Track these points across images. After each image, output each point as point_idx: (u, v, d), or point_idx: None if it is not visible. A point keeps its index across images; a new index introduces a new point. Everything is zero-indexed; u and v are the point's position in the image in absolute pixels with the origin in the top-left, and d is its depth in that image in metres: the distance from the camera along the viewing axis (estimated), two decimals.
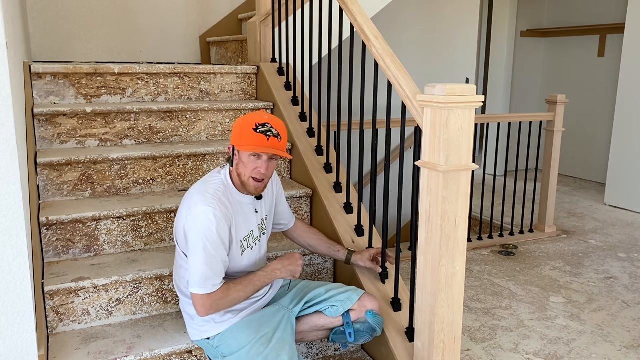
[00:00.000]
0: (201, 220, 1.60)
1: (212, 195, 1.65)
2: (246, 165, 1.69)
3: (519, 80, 6.16)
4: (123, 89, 2.56)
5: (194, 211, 1.62)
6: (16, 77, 1.77)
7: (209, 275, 1.60)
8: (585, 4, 5.68)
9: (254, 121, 1.67)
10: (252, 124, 1.66)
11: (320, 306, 1.85)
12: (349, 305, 1.83)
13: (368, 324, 1.84)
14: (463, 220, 1.64)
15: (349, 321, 1.83)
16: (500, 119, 3.69)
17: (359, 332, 1.84)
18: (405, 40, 4.61)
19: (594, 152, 5.70)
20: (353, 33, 2.18)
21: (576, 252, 3.53)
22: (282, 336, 1.70)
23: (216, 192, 1.67)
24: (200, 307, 1.62)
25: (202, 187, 1.69)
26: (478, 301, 2.75)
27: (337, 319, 1.84)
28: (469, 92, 1.55)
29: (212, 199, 1.63)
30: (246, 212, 1.77)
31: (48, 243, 2.01)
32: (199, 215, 1.61)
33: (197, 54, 3.92)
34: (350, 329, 1.82)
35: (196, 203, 1.63)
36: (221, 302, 1.64)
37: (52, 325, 1.85)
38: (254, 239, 1.80)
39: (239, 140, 1.67)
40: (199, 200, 1.63)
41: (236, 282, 1.69)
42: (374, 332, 1.86)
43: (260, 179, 1.70)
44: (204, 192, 1.66)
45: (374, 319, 1.84)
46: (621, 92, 4.58)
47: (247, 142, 1.65)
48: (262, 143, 1.64)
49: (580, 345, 2.34)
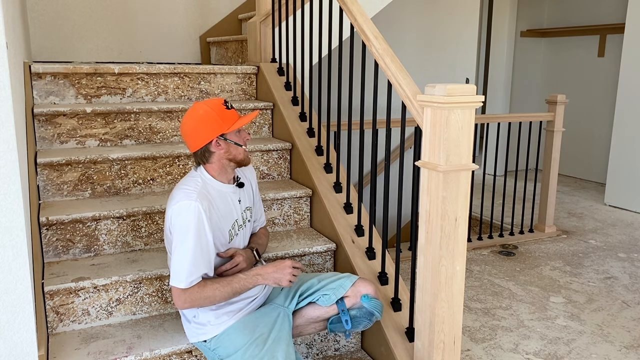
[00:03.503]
0: (183, 214, 1.61)
1: (193, 189, 1.66)
2: (237, 143, 1.74)
3: (519, 80, 6.16)
4: (123, 89, 2.56)
5: (175, 207, 1.63)
6: (16, 77, 1.77)
7: (186, 269, 1.60)
8: (585, 4, 5.68)
9: (215, 104, 1.71)
10: (219, 106, 1.70)
11: (313, 297, 1.82)
12: (342, 292, 1.79)
13: (365, 309, 1.80)
14: (463, 220, 1.64)
15: (343, 308, 1.79)
16: (500, 119, 3.69)
17: (356, 319, 1.80)
18: (405, 40, 4.61)
19: (594, 152, 5.70)
20: (353, 33, 2.18)
21: (576, 252, 3.53)
22: (277, 335, 1.68)
23: (195, 186, 1.68)
24: (176, 299, 1.62)
25: (181, 186, 1.70)
26: (478, 301, 2.75)
27: (332, 307, 1.81)
28: (469, 92, 1.55)
29: (192, 193, 1.65)
30: (229, 201, 1.77)
31: (48, 243, 2.01)
32: (180, 209, 1.62)
33: (197, 54, 3.93)
34: (346, 316, 1.79)
35: (178, 200, 1.64)
36: (195, 297, 1.61)
37: (52, 325, 1.85)
38: (238, 226, 1.81)
39: (223, 126, 1.68)
40: (181, 196, 1.64)
41: (214, 280, 1.67)
42: (373, 317, 1.81)
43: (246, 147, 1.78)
44: (184, 189, 1.67)
45: (369, 302, 1.80)
46: (621, 92, 4.58)
47: (231, 121, 1.70)
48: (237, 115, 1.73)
49: (580, 345, 2.34)
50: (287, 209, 2.43)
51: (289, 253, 2.20)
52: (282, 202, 2.40)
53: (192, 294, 1.62)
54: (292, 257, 2.22)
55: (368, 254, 2.18)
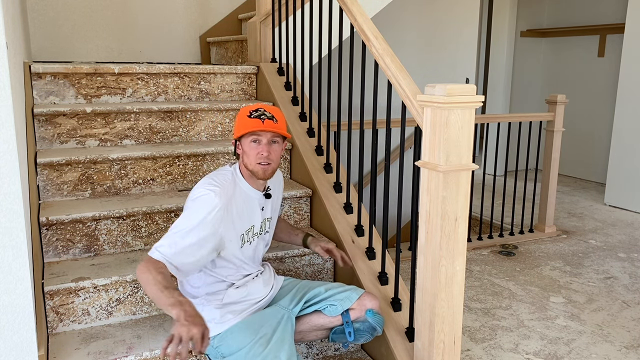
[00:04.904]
0: (199, 200, 1.64)
1: (218, 184, 1.68)
2: (249, 153, 1.73)
3: (519, 80, 6.16)
4: (123, 89, 2.56)
5: (196, 191, 1.66)
6: (16, 77, 1.77)
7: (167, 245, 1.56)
8: (585, 4, 5.68)
9: (248, 110, 1.74)
10: (247, 112, 1.74)
11: (319, 305, 1.84)
12: (348, 304, 1.82)
13: (368, 323, 1.83)
14: (463, 220, 1.64)
15: (348, 320, 1.82)
16: (500, 119, 3.69)
17: (358, 332, 1.83)
18: (405, 40, 4.61)
19: (594, 152, 5.70)
20: (353, 33, 2.18)
21: (576, 252, 3.53)
22: (281, 336, 1.69)
23: (223, 182, 1.70)
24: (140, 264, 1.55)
25: (211, 175, 1.74)
26: (478, 301, 2.75)
27: (337, 318, 1.83)
28: (469, 92, 1.55)
29: (216, 186, 1.67)
30: (252, 206, 1.78)
31: (48, 243, 2.01)
32: (199, 194, 1.65)
33: (197, 54, 3.93)
34: (349, 328, 1.82)
35: (201, 185, 1.67)
36: (143, 270, 1.52)
37: (52, 325, 1.85)
38: (253, 233, 1.81)
39: (238, 130, 1.73)
40: (205, 182, 1.68)
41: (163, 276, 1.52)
42: (374, 332, 1.85)
43: (265, 162, 1.73)
44: (211, 179, 1.70)
45: (373, 318, 1.83)
46: (621, 92, 4.58)
47: (244, 128, 1.71)
48: (257, 125, 1.69)
49: (580, 345, 2.34)
50: (287, 209, 2.43)
51: (289, 253, 2.21)
52: (282, 202, 2.40)
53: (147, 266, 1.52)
54: (292, 257, 2.23)
55: (368, 254, 2.18)
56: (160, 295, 1.48)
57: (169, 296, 1.47)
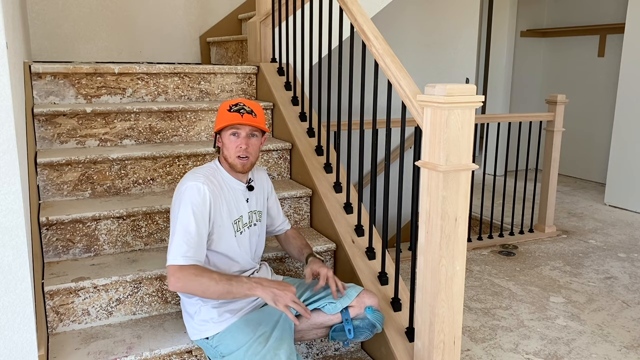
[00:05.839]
0: (186, 193, 1.67)
1: (202, 174, 1.73)
2: (228, 146, 1.77)
3: (519, 80, 6.16)
4: (123, 89, 2.56)
5: (181, 187, 1.70)
6: (16, 77, 1.77)
7: (183, 247, 1.62)
8: (585, 4, 5.68)
9: (228, 104, 1.78)
10: (227, 106, 1.78)
11: (318, 303, 1.84)
12: (348, 302, 1.82)
13: (368, 320, 1.83)
14: (463, 220, 1.64)
15: (347, 318, 1.82)
16: (500, 119, 3.69)
17: (358, 329, 1.83)
18: (405, 40, 4.61)
19: (594, 152, 5.70)
20: (353, 33, 2.18)
21: (576, 252, 3.53)
22: (280, 334, 1.69)
23: (206, 172, 1.76)
24: (170, 277, 1.60)
25: (193, 170, 1.79)
26: (478, 301, 2.75)
27: (336, 315, 1.83)
28: (469, 92, 1.55)
29: (200, 177, 1.71)
30: (237, 195, 1.82)
31: (48, 243, 2.01)
32: (185, 189, 1.69)
33: (197, 54, 3.92)
34: (349, 325, 1.82)
35: (185, 181, 1.71)
36: (190, 278, 1.58)
37: (52, 325, 1.85)
38: (243, 224, 1.83)
39: (218, 124, 1.77)
40: (189, 178, 1.72)
41: (215, 271, 1.66)
42: (374, 329, 1.85)
43: (244, 156, 1.77)
44: (194, 173, 1.74)
45: (373, 315, 1.83)
46: (621, 92, 4.58)
47: (224, 121, 1.75)
48: (236, 119, 1.74)
49: (580, 345, 2.34)
50: (287, 209, 2.43)
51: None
52: (282, 202, 2.40)
53: (187, 274, 1.59)
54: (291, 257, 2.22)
55: (368, 254, 2.18)
56: (231, 288, 1.61)
57: (242, 283, 1.62)
